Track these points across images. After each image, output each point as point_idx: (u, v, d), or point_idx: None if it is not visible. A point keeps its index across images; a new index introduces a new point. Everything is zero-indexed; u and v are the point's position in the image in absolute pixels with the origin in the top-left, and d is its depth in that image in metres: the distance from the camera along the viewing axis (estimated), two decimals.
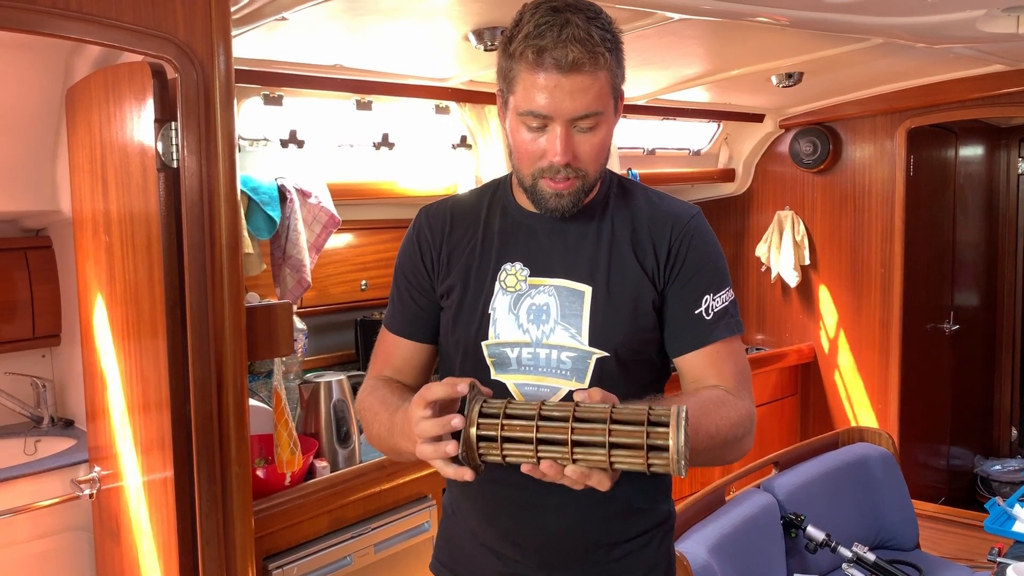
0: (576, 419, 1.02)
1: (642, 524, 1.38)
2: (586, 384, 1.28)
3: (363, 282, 3.24)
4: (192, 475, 1.86)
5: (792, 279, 4.38)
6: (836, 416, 4.42)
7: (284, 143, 2.79)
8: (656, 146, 4.15)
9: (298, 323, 2.60)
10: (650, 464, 0.99)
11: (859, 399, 4.33)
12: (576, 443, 1.01)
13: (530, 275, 1.31)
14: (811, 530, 2.51)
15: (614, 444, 1.00)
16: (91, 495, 2.27)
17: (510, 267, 1.32)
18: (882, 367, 4.21)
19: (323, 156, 2.91)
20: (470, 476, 1.07)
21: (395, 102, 2.97)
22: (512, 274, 1.32)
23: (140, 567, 2.10)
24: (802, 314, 4.51)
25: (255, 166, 2.64)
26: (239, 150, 2.15)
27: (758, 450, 2.51)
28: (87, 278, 2.27)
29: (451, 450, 1.05)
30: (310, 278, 2.55)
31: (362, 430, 1.40)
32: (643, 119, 3.81)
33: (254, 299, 2.29)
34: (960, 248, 4.70)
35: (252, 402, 2.24)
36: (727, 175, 4.57)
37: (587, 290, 1.29)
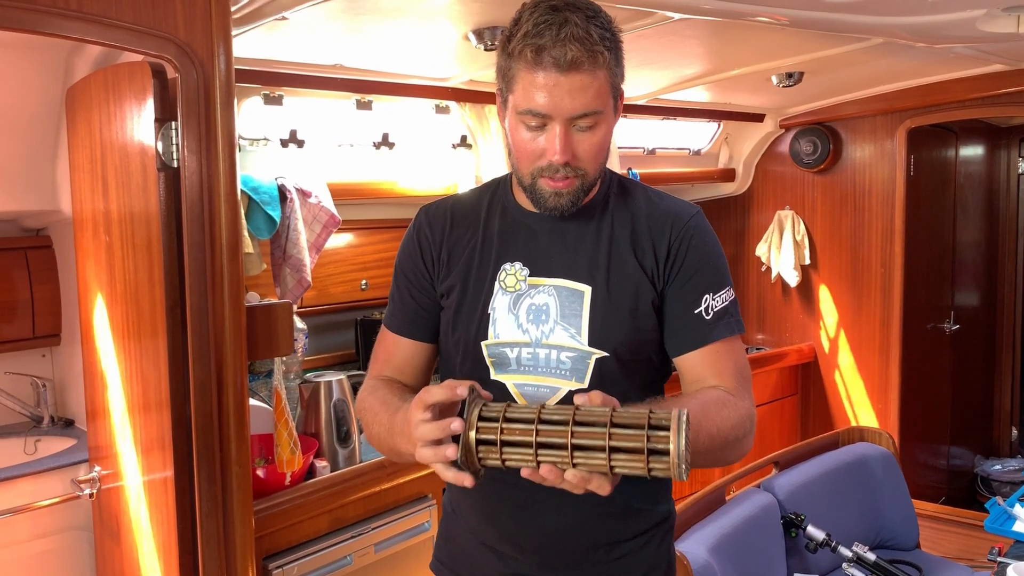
0: (576, 423, 1.01)
1: (642, 524, 1.38)
2: (585, 384, 1.27)
3: (363, 282, 3.24)
4: (192, 475, 1.86)
5: (792, 279, 4.38)
6: (836, 416, 4.42)
7: (284, 143, 2.79)
8: (656, 146, 4.15)
9: (298, 323, 2.60)
10: (651, 468, 0.98)
11: (859, 399, 4.33)
12: (576, 447, 1.00)
13: (530, 275, 1.31)
14: (811, 530, 2.51)
15: (614, 448, 0.99)
16: (91, 495, 2.27)
17: (510, 267, 1.32)
18: (882, 367, 4.21)
19: (323, 156, 2.91)
20: (470, 483, 1.06)
21: (395, 102, 2.97)
22: (512, 274, 1.31)
23: (140, 567, 2.10)
24: (802, 314, 4.51)
25: (255, 166, 2.64)
26: (239, 150, 2.15)
27: (758, 450, 2.51)
28: (87, 278, 2.27)
29: (451, 454, 1.04)
30: (310, 278, 2.55)
31: (362, 430, 1.40)
32: (643, 119, 3.81)
33: (254, 299, 2.29)
34: (960, 248, 4.70)
35: (252, 402, 2.24)
36: (727, 175, 4.56)
37: (587, 290, 1.29)
